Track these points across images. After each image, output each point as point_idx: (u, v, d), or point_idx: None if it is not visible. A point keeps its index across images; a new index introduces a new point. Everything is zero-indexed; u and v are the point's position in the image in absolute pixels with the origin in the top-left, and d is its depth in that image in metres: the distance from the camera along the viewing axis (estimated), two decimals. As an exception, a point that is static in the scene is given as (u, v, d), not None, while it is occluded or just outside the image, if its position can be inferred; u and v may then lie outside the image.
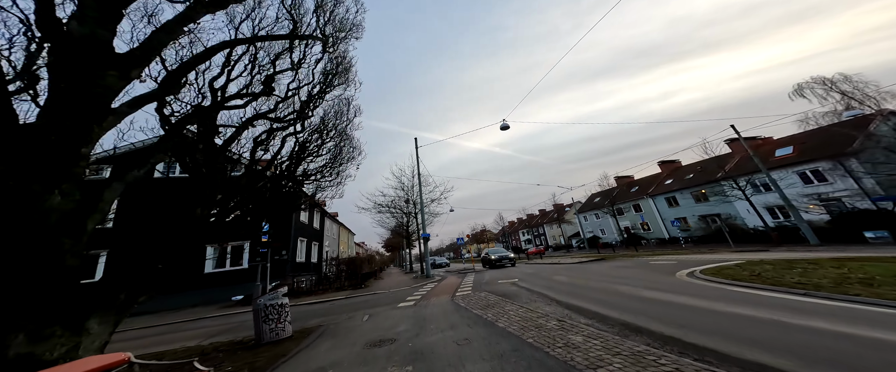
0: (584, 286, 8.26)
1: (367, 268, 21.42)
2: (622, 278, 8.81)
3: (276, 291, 6.05)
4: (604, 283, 8.43)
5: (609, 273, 10.30)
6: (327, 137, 7.81)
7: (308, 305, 11.21)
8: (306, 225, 18.10)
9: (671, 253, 17.68)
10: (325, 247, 22.64)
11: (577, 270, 12.42)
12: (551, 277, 11.10)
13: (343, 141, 8.16)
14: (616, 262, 14.15)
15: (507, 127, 15.64)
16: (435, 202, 22.32)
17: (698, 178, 30.66)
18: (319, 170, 7.85)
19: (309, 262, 18.35)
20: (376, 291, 13.45)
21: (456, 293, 10.08)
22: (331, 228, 25.32)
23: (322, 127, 7.84)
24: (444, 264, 34.45)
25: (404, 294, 11.53)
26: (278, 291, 6.07)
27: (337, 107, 8.03)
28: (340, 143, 8.12)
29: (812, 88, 21.62)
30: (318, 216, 21.17)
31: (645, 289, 6.93)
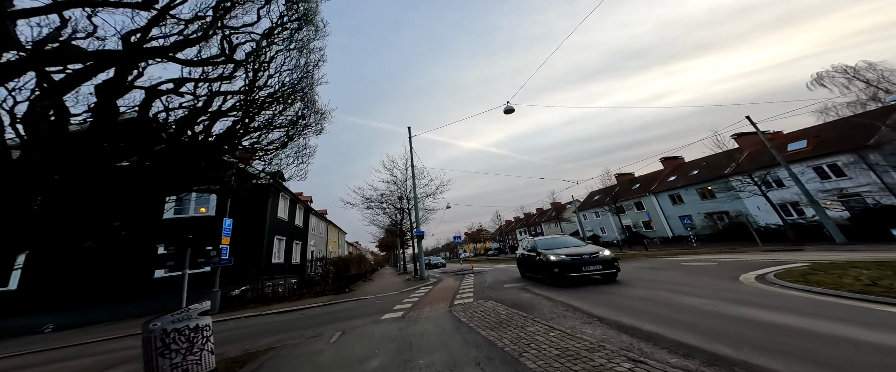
0: (626, 295, 6.32)
1: (355, 269, 19.30)
2: (671, 284, 6.88)
3: (190, 308, 3.98)
4: (650, 290, 6.49)
5: (645, 277, 8.38)
6: (281, 100, 5.73)
7: (274, 314, 9.10)
8: (285, 222, 16.05)
9: (691, 252, 15.90)
10: (310, 246, 20.44)
11: None
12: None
13: (304, 105, 6.09)
14: (638, 262, 12.27)
15: (512, 110, 13.71)
16: (430, 197, 20.30)
17: (704, 174, 29.12)
18: (266, 134, 5.75)
19: (289, 263, 16.20)
20: (361, 296, 11.38)
21: (454, 301, 8.08)
22: (318, 227, 23.12)
23: (276, 89, 5.77)
24: (439, 264, 32.41)
25: (392, 301, 9.50)
26: (193, 308, 4.00)
27: (296, 59, 5.94)
28: (301, 110, 6.04)
29: (832, 78, 20.22)
30: (302, 213, 18.98)
31: (720, 301, 5.00)
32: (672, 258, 12.91)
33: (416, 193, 17.99)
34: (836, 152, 20.35)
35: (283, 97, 5.62)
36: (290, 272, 16.39)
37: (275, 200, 14.73)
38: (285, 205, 16.51)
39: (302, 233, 18.66)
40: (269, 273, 12.91)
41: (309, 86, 6.16)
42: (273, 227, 14.01)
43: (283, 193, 16.01)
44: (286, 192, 16.25)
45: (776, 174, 21.67)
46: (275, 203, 14.59)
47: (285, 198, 16.49)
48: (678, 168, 33.49)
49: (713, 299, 5.14)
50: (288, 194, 16.39)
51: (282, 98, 5.63)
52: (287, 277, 16.07)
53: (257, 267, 12.42)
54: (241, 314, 9.10)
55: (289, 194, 16.58)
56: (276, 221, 14.71)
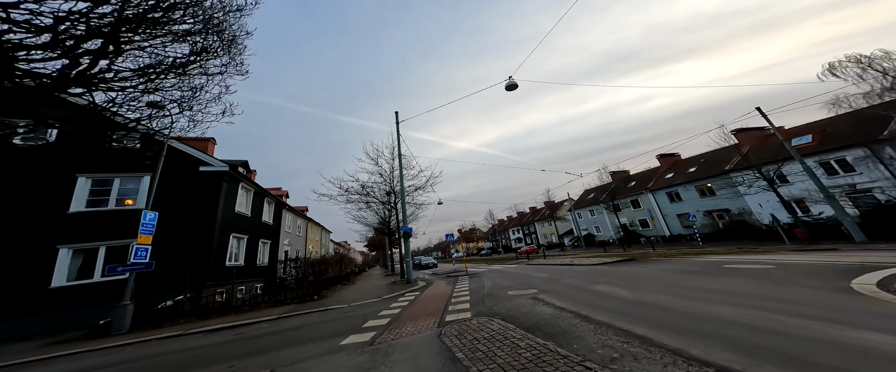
0: (682, 311, 4.30)
1: (335, 271, 16.87)
2: (753, 298, 4.88)
3: None
4: (715, 305, 4.48)
5: (684, 283, 6.41)
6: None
7: (203, 334, 6.72)
8: (247, 218, 13.35)
9: (709, 252, 14.17)
10: (283, 246, 17.85)
11: (619, 276, 8.48)
12: (590, 288, 7.11)
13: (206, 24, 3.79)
14: (661, 264, 10.33)
15: (515, 85, 11.66)
16: (419, 191, 18.06)
17: (703, 170, 27.84)
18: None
19: (252, 265, 13.67)
20: (331, 305, 9.07)
21: (445, 317, 5.92)
22: (293, 224, 20.41)
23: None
24: (430, 265, 30.15)
25: (366, 313, 7.27)
26: None
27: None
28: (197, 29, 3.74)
29: (845, 67, 19.03)
30: (272, 208, 16.39)
31: (866, 330, 3.01)
32: (698, 258, 11.05)
33: (404, 185, 15.76)
34: (844, 146, 19.09)
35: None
36: (255, 276, 13.86)
37: (232, 191, 12.19)
38: (247, 198, 13.89)
39: (271, 231, 16.06)
40: (221, 278, 10.47)
41: None
42: (228, 223, 11.45)
43: (244, 184, 13.53)
44: (249, 183, 13.66)
45: (777, 170, 20.32)
46: (231, 195, 12.03)
47: (248, 190, 13.94)
48: (675, 165, 32.25)
49: (842, 323, 3.15)
50: (250, 186, 13.82)
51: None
52: (251, 282, 13.56)
53: (202, 271, 9.92)
54: (159, 334, 6.69)
55: (252, 186, 14.11)
56: (234, 217, 12.13)
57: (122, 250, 9.40)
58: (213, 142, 15.88)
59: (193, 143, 14.75)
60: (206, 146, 15.19)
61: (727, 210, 25.69)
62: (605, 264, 11.93)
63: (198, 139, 15.25)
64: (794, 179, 21.35)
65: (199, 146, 14.90)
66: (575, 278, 8.99)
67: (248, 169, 14.42)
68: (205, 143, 15.24)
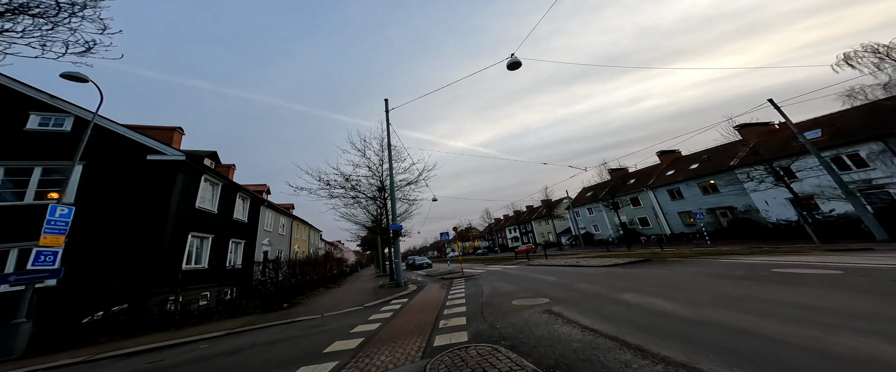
0: (791, 342, 2.82)
1: (317, 272, 15.19)
2: (843, 314, 3.41)
3: None
4: (833, 331, 3.00)
5: (745, 294, 4.95)
6: None
7: (104, 360, 5.07)
8: (212, 214, 11.52)
9: (729, 252, 12.85)
10: (262, 246, 16.07)
11: (646, 282, 6.99)
12: (618, 297, 5.61)
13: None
14: (686, 266, 8.88)
15: (518, 63, 10.17)
16: (412, 186, 16.47)
17: (706, 167, 26.73)
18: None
19: (220, 267, 11.93)
20: (299, 316, 7.45)
21: (434, 338, 4.38)
22: (275, 223, 18.55)
23: None
24: (424, 265, 28.55)
25: (336, 330, 5.69)
26: None
27: None
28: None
29: (861, 58, 18.01)
30: (247, 204, 14.59)
31: None
32: (725, 260, 9.63)
33: (394, 179, 14.18)
34: (858, 141, 17.98)
35: None
36: (225, 279, 12.13)
37: (191, 184, 10.41)
38: (214, 192, 12.02)
39: (246, 229, 14.29)
40: (176, 283, 8.77)
41: None
42: (184, 220, 9.67)
43: (209, 176, 11.60)
44: (216, 176, 11.88)
45: (791, 164, 19.21)
46: (190, 188, 10.33)
47: (214, 183, 12.12)
48: (676, 162, 31.17)
49: None
50: (217, 179, 12.01)
51: None
52: (220, 286, 11.83)
53: (148, 276, 8.18)
54: (57, 361, 5.02)
55: (219, 179, 12.31)
56: (193, 213, 10.34)
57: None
58: (180, 132, 14.07)
59: (154, 133, 12.96)
60: (170, 136, 13.38)
61: (731, 207, 24.57)
62: (617, 266, 10.49)
63: (159, 128, 13.47)
64: (803, 176, 20.20)
65: (162, 136, 13.11)
66: (591, 283, 7.50)
67: (217, 161, 12.69)
68: (169, 133, 13.43)
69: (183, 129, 14.27)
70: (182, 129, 14.21)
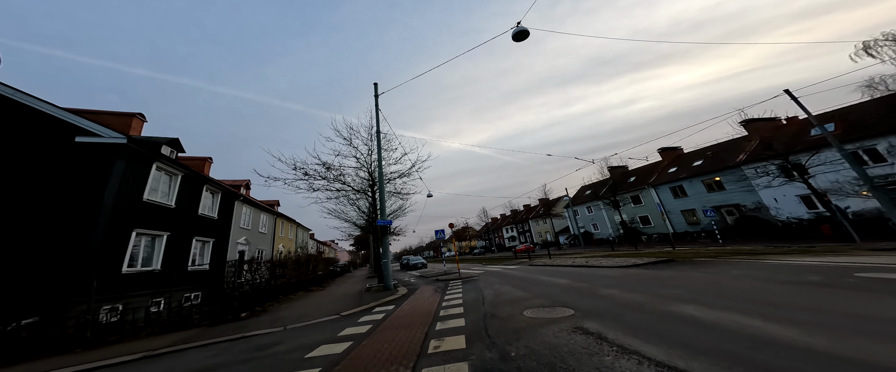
0: None
1: (294, 276, 13.53)
2: None
3: None
4: None
5: (861, 311, 3.54)
6: None
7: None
8: (167, 209, 9.78)
9: (761, 253, 11.55)
10: (237, 245, 14.30)
11: (696, 289, 5.50)
12: (671, 310, 4.15)
13: None
14: (725, 268, 7.42)
15: (524, 33, 8.71)
16: (404, 179, 14.93)
17: (710, 163, 25.64)
18: None
19: (182, 269, 10.20)
20: (255, 330, 5.87)
21: (419, 369, 2.86)
22: (255, 220, 16.62)
23: None
24: (419, 265, 26.96)
25: (288, 356, 4.13)
26: None
27: None
28: None
29: (881, 47, 16.98)
30: (217, 199, 12.83)
31: None
32: (768, 260, 8.25)
33: (383, 171, 12.62)
34: (876, 134, 16.92)
35: None
36: (187, 283, 10.39)
37: (136, 172, 8.66)
38: (171, 184, 10.24)
39: (215, 227, 12.41)
40: (115, 289, 7.09)
41: None
42: (127, 214, 7.81)
43: (163, 164, 9.70)
44: (175, 165, 10.04)
45: (809, 159, 18.11)
46: (135, 178, 8.59)
47: (172, 174, 10.30)
48: (678, 159, 30.08)
49: None
50: (176, 169, 10.32)
51: None
52: (180, 291, 10.12)
53: (72, 281, 6.47)
54: None
55: (179, 169, 10.45)
56: (141, 207, 8.66)
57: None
58: (141, 118, 12.30)
59: (108, 118, 11.20)
60: (127, 123, 11.63)
61: (737, 205, 23.43)
62: (637, 267, 9.06)
63: (115, 114, 11.70)
64: (815, 172, 19.09)
65: (118, 122, 11.37)
66: (620, 289, 6.02)
67: (178, 149, 10.94)
68: (126, 120, 11.66)
69: (144, 116, 12.50)
70: (143, 115, 12.45)
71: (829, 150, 17.56)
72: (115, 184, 7.83)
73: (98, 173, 7.62)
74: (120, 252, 7.90)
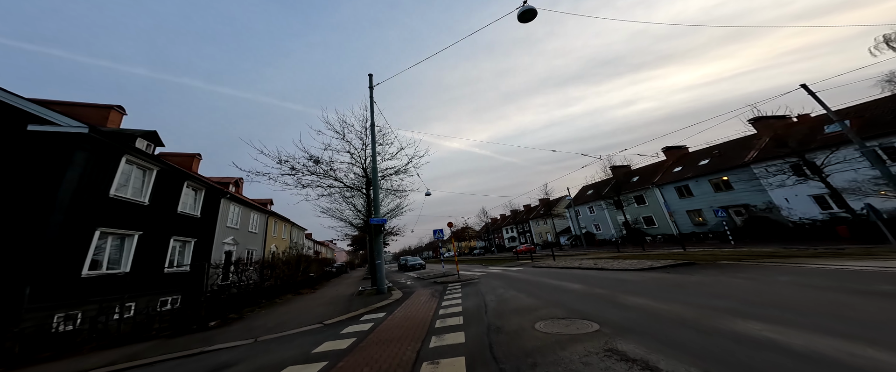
0: None
1: (284, 275, 12.66)
2: None
3: None
4: None
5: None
6: None
7: None
8: (139, 206, 8.86)
9: (787, 255, 10.68)
10: (223, 245, 13.36)
11: (740, 297, 4.63)
12: (729, 326, 3.28)
13: None
14: (761, 272, 6.54)
15: (532, 12, 7.88)
16: (401, 176, 14.06)
17: (718, 163, 24.81)
18: None
19: (158, 271, 9.31)
20: (213, 345, 4.99)
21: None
22: (244, 219, 15.64)
23: None
24: (417, 266, 26.09)
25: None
26: None
27: None
28: None
29: None
30: (200, 196, 12.02)
31: None
32: (810, 264, 7.35)
33: (376, 165, 11.78)
34: (895, 132, 16.11)
35: None
36: (162, 287, 9.50)
37: (101, 165, 7.75)
38: (145, 179, 9.26)
39: (197, 226, 11.49)
40: (72, 295, 6.23)
41: None
42: (88, 211, 6.95)
43: (134, 157, 8.74)
44: (149, 159, 9.18)
45: (828, 156, 17.28)
46: (99, 172, 7.67)
47: (146, 169, 9.33)
48: (683, 158, 29.26)
49: None
50: (151, 163, 9.40)
51: None
52: (155, 295, 9.23)
53: (21, 286, 5.56)
54: None
55: (155, 164, 9.52)
56: (105, 203, 7.76)
57: None
58: (119, 110, 11.44)
59: (83, 110, 10.36)
60: (104, 115, 10.77)
61: (746, 205, 22.57)
62: (655, 270, 8.19)
63: (91, 105, 10.84)
64: (829, 171, 18.24)
65: (95, 114, 10.54)
66: (648, 297, 5.14)
67: (156, 142, 10.07)
68: (103, 112, 10.81)
69: (123, 109, 11.63)
70: (122, 107, 11.58)
71: (846, 148, 16.75)
72: (74, 178, 6.95)
73: (54, 166, 6.75)
74: (80, 253, 7.02)
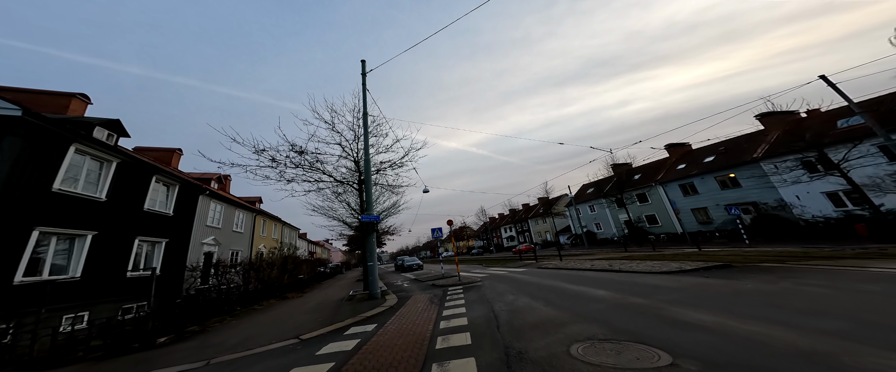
0: None
1: (272, 278, 11.52)
2: None
3: None
4: None
5: None
6: None
7: None
8: (95, 202, 7.72)
9: (828, 257, 9.70)
10: (202, 247, 12.09)
11: (834, 311, 3.62)
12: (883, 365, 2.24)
13: None
14: (809, 276, 5.51)
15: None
16: (396, 171, 12.92)
17: (724, 159, 23.98)
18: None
19: (119, 276, 8.10)
20: (162, 366, 3.87)
21: None
22: (227, 218, 14.29)
23: None
24: (414, 266, 24.96)
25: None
26: None
27: None
28: None
29: None
30: (174, 192, 10.79)
31: None
32: (882, 268, 6.37)
33: (369, 157, 10.67)
34: (918, 123, 15.25)
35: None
36: (123, 293, 8.30)
37: (41, 155, 6.62)
38: (99, 171, 8.08)
39: (169, 225, 10.32)
40: (3, 305, 5.05)
41: None
42: (23, 207, 5.81)
43: (85, 146, 7.55)
44: (107, 150, 8.09)
45: (850, 150, 16.45)
46: (39, 161, 6.56)
47: (103, 160, 8.17)
48: (687, 155, 28.45)
49: None
50: (110, 154, 8.26)
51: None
52: (116, 303, 8.03)
53: None
54: None
55: (114, 155, 8.35)
56: (47, 198, 6.63)
57: None
58: (83, 98, 10.20)
59: (41, 98, 9.16)
60: (65, 104, 9.57)
61: (755, 203, 21.74)
62: (684, 273, 7.15)
63: (50, 93, 9.63)
64: (847, 166, 17.41)
65: (54, 103, 9.37)
66: (711, 311, 4.06)
67: (119, 132, 8.85)
68: (63, 100, 9.60)
69: (87, 97, 10.37)
70: (86, 96, 10.31)
71: (865, 143, 15.92)
72: (4, 168, 5.76)
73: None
74: (12, 257, 5.84)
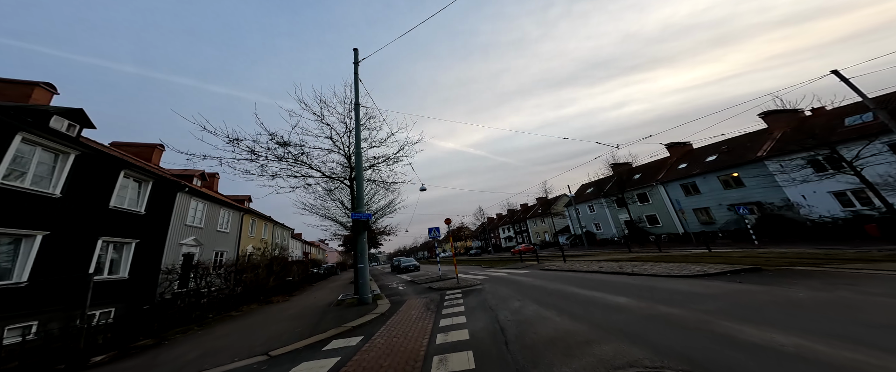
0: None
1: (260, 279, 10.63)
2: None
3: None
4: None
5: None
6: None
7: None
8: (48, 199, 6.89)
9: (867, 260, 8.98)
10: (181, 247, 11.14)
11: None
12: None
13: None
14: (868, 283, 4.81)
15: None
16: (391, 166, 12.09)
17: (726, 158, 23.45)
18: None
19: (86, 278, 7.21)
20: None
21: None
22: (211, 217, 13.25)
23: None
24: (411, 268, 24.12)
25: None
26: None
27: None
28: None
29: None
30: (147, 189, 9.82)
31: None
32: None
33: (360, 150, 9.86)
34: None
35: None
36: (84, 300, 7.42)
37: None
38: (54, 165, 7.25)
39: (141, 224, 9.42)
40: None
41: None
42: None
43: (32, 135, 6.66)
44: (66, 142, 7.20)
45: (867, 144, 15.88)
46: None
47: (60, 152, 7.33)
48: (688, 155, 27.93)
49: None
50: (70, 146, 7.43)
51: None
52: (69, 310, 7.12)
53: None
54: None
55: (69, 146, 7.43)
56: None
57: None
58: (47, 88, 9.28)
59: (2, 86, 8.29)
60: (27, 93, 8.70)
61: (759, 203, 21.18)
62: (712, 277, 6.39)
63: (13, 81, 8.73)
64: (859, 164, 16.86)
65: (16, 92, 8.50)
66: (783, 330, 3.26)
67: (85, 123, 7.93)
68: (25, 89, 8.72)
69: (53, 86, 9.44)
70: (51, 85, 9.38)
71: (878, 140, 15.38)
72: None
73: None
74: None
